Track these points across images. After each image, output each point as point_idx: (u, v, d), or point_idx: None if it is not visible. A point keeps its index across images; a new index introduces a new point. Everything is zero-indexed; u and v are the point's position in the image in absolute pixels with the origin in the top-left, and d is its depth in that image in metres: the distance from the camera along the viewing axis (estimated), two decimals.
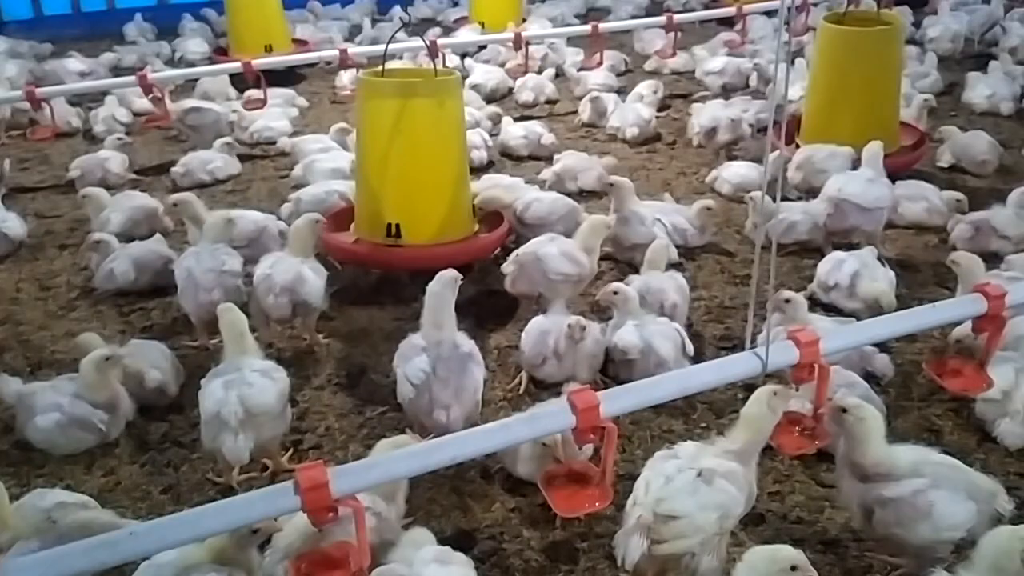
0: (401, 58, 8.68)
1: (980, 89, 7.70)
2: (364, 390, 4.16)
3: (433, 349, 3.45)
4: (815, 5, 9.94)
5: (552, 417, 2.59)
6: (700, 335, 4.50)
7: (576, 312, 4.36)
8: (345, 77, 8.63)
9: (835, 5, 9.38)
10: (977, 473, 2.87)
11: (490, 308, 4.82)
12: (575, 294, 4.61)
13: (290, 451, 3.70)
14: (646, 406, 2.96)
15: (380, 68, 4.97)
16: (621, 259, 5.24)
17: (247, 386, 3.28)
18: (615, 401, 2.62)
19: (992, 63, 8.24)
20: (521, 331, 4.18)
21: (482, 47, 9.78)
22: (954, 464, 2.85)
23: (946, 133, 6.50)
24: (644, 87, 7.93)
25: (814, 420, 2.94)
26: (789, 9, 2.60)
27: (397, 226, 4.84)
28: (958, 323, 3.73)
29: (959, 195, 5.45)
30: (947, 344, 4.14)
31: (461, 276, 3.67)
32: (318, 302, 4.33)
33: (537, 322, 4.11)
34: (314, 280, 4.29)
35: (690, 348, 4.02)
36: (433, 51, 8.01)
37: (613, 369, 4.09)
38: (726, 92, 8.30)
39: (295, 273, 4.23)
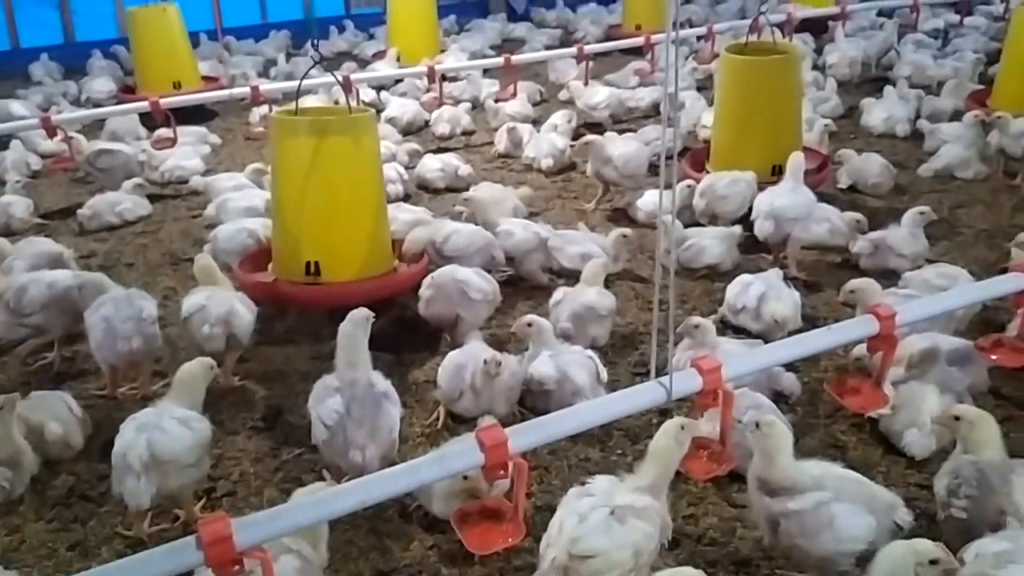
0: (316, 93, 8.68)
1: (877, 113, 8.05)
2: (280, 432, 4.10)
3: (347, 389, 3.44)
4: (721, 34, 10.26)
5: (460, 456, 2.60)
6: (615, 362, 4.57)
7: (493, 343, 4.39)
8: (258, 114, 8.56)
9: (740, 34, 9.70)
10: (878, 486, 2.98)
11: (409, 343, 4.81)
12: (487, 315, 4.70)
13: (202, 500, 3.62)
14: (553, 440, 2.98)
15: (294, 106, 4.95)
16: None
17: (159, 431, 3.24)
18: (523, 437, 2.64)
19: (887, 87, 8.62)
20: (440, 366, 4.19)
21: (399, 80, 9.83)
22: (856, 478, 2.95)
23: (844, 156, 6.76)
24: (558, 117, 8.09)
25: (721, 444, 3.01)
26: (674, 41, 2.66)
27: (316, 264, 4.82)
28: (856, 343, 3.86)
29: (859, 216, 5.66)
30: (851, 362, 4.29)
31: (374, 315, 3.66)
32: (247, 337, 4.37)
33: (453, 357, 4.12)
34: (245, 314, 4.35)
35: (604, 375, 4.08)
36: (347, 87, 8.04)
37: (531, 400, 4.11)
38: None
39: (229, 306, 4.28)
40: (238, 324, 4.29)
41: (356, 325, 3.56)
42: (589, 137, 6.51)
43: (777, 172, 5.96)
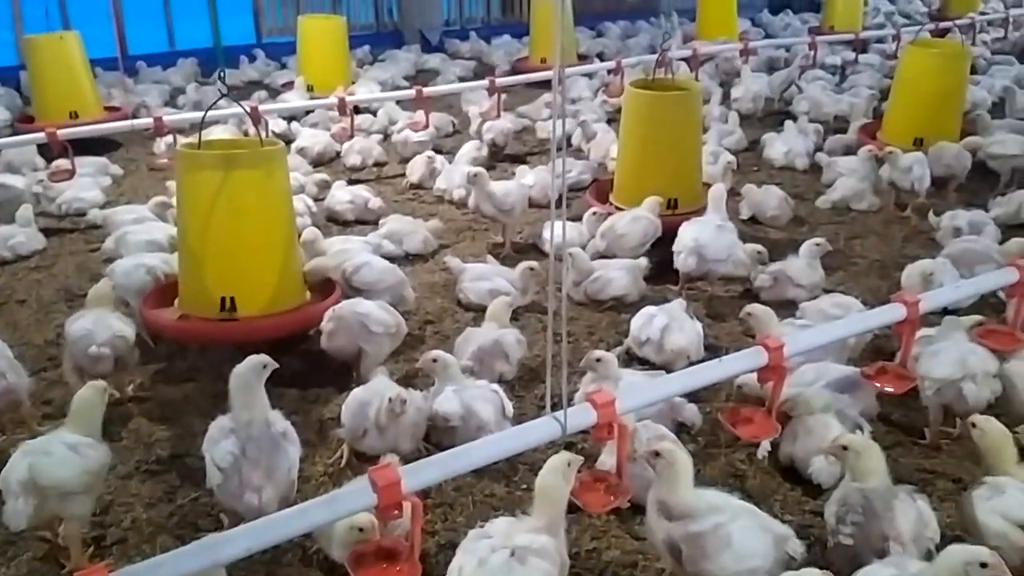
0: (227, 123, 8.53)
1: (778, 146, 8.33)
2: (176, 475, 3.98)
3: (243, 430, 3.36)
4: (632, 67, 10.49)
5: (352, 497, 2.57)
6: (522, 395, 4.58)
7: (399, 379, 4.36)
8: (163, 144, 8.36)
9: (647, 67, 9.93)
10: (770, 518, 3.04)
11: (316, 379, 4.74)
12: (391, 349, 4.69)
13: (91, 548, 3.48)
14: (447, 478, 2.96)
15: (200, 139, 4.86)
16: None
17: (44, 455, 3.23)
18: (417, 476, 2.62)
19: (788, 122, 8.93)
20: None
21: (310, 110, 9.74)
22: (751, 509, 3.02)
23: (744, 190, 6.97)
24: (470, 148, 8.13)
25: (618, 477, 3.04)
26: (562, 79, 2.70)
27: (232, 300, 4.74)
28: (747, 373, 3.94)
29: (760, 247, 5.83)
30: (747, 396, 4.38)
31: (275, 363, 3.60)
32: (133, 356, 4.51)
33: (357, 394, 4.06)
34: (131, 334, 4.45)
35: (509, 409, 4.08)
36: (256, 118, 7.93)
37: (436, 436, 4.08)
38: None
39: (116, 327, 4.37)
40: (127, 343, 4.39)
41: (251, 371, 3.49)
42: (476, 169, 6.53)
43: (673, 206, 6.10)
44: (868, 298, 5.41)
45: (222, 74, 4.80)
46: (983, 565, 2.56)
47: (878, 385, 3.80)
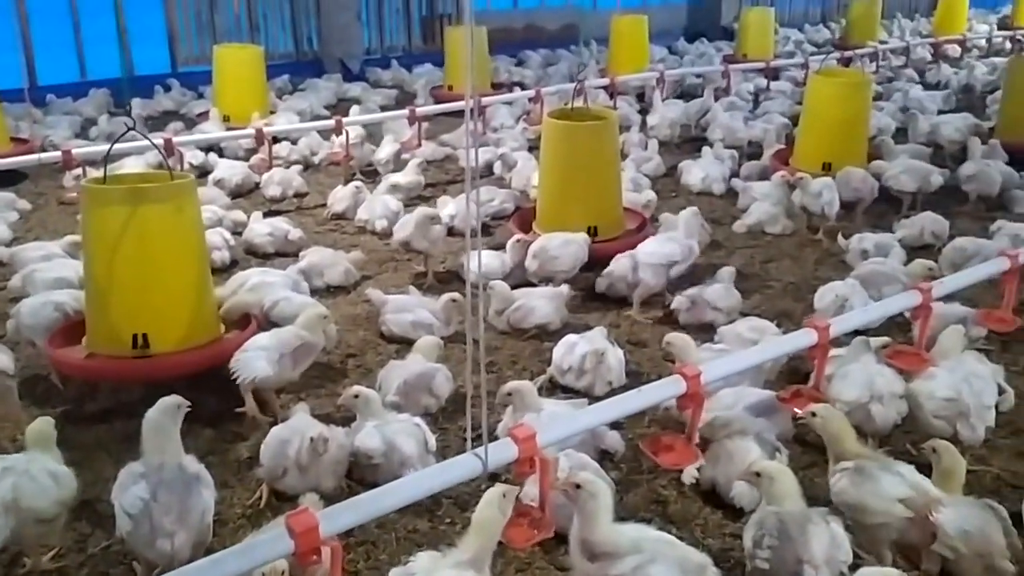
0: (143, 154, 8.33)
1: (695, 172, 8.53)
2: (87, 523, 3.82)
3: (153, 474, 3.27)
4: (553, 95, 10.64)
5: (268, 545, 2.51)
6: (446, 427, 4.55)
7: (320, 415, 4.29)
8: (71, 177, 8.12)
9: (566, 96, 10.08)
10: (689, 548, 3.08)
11: (232, 418, 4.62)
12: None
13: None
14: (367, 521, 2.92)
15: (105, 173, 4.74)
16: None
17: (28, 479, 3.34)
18: (335, 520, 2.58)
19: (705, 148, 9.16)
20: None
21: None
22: (669, 540, 3.04)
23: (662, 217, 7.08)
24: (393, 178, 8.11)
25: (541, 510, 3.04)
26: (472, 110, 2.72)
27: (144, 336, 4.62)
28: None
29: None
30: (671, 418, 4.44)
31: (188, 404, 3.51)
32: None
33: (276, 432, 3.98)
34: (5, 360, 4.41)
35: (432, 443, 4.05)
36: (168, 150, 7.79)
37: (358, 471, 4.03)
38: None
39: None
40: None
41: (164, 414, 3.40)
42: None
43: (593, 233, 6.19)
44: (783, 320, 5.55)
45: (128, 106, 4.71)
46: None
47: (793, 409, 3.89)
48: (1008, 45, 17.25)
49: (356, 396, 4.10)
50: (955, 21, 17.87)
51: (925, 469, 3.53)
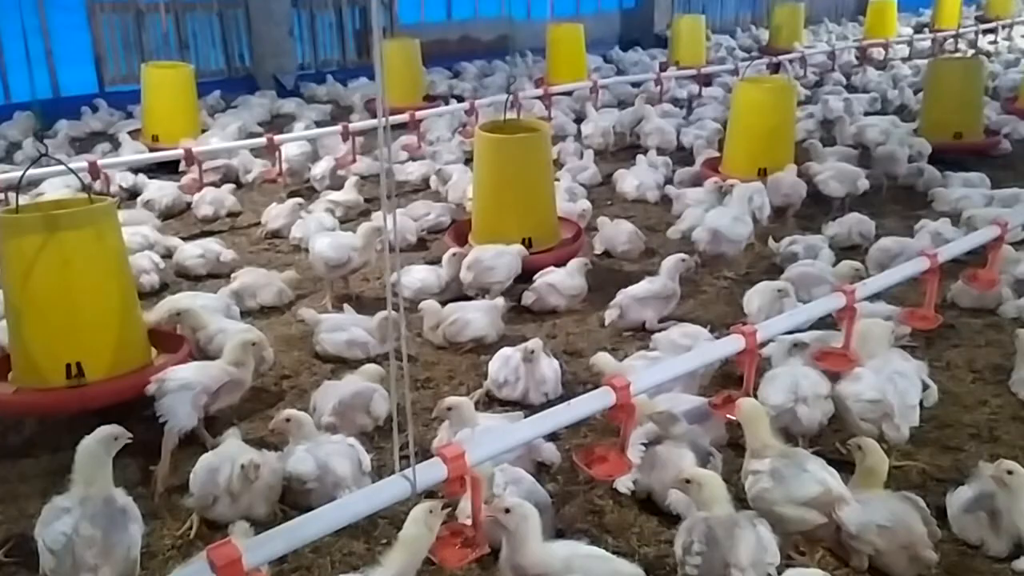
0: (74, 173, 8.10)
1: (629, 180, 8.61)
2: (12, 564, 3.70)
3: (77, 509, 3.20)
4: (489, 107, 10.65)
5: None
6: (382, 446, 4.51)
7: (254, 439, 4.23)
8: None
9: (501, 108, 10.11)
10: (620, 561, 3.10)
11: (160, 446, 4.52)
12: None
13: None
14: (293, 550, 2.88)
15: (17, 202, 4.61)
16: None
17: None
18: (260, 550, 2.53)
19: (639, 156, 9.26)
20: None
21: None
22: (600, 555, 3.06)
23: (599, 223, 7.16)
24: (330, 196, 8.03)
25: (473, 528, 3.03)
26: (385, 128, 2.69)
27: (79, 365, 4.52)
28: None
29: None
30: (609, 428, 4.46)
31: (128, 436, 3.43)
32: None
33: (205, 460, 3.90)
34: None
35: (367, 463, 4.01)
36: (94, 173, 7.62)
37: (292, 496, 3.96)
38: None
39: None
40: None
41: (101, 443, 3.34)
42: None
43: (529, 244, 6.22)
44: (717, 325, 5.62)
45: (39, 133, 4.59)
46: None
47: (726, 415, 3.93)
48: (928, 45, 17.76)
49: (288, 420, 4.05)
50: (886, 25, 18.32)
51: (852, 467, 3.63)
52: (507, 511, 2.95)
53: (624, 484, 3.98)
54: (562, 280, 5.99)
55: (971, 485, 3.71)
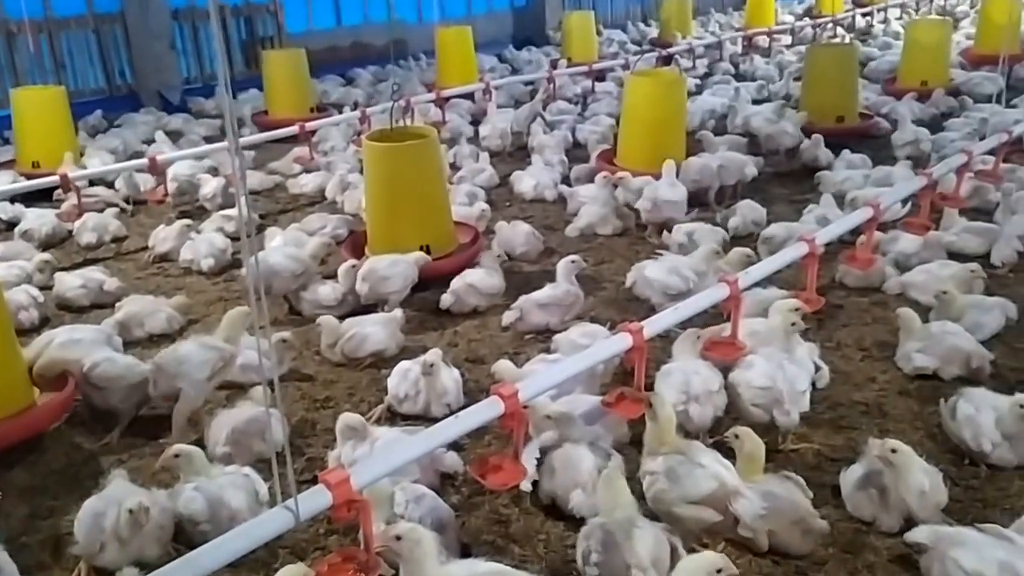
0: None
1: (526, 181, 8.61)
2: None
3: None
4: (381, 113, 10.49)
5: None
6: (281, 472, 4.36)
7: (146, 475, 4.05)
8: None
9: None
10: (520, 573, 3.06)
11: (48, 491, 4.30)
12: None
13: None
14: None
15: None
16: None
17: None
18: None
19: (535, 156, 9.27)
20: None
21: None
22: (499, 570, 3.02)
23: (497, 227, 7.13)
24: (220, 216, 7.79)
25: (366, 553, 2.95)
26: (237, 149, 2.60)
27: None
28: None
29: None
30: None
31: None
32: None
33: (90, 504, 3.71)
34: None
35: (264, 493, 3.88)
36: None
37: (186, 534, 3.79)
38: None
39: None
40: None
41: None
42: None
43: (427, 251, 6.15)
44: (618, 322, 5.63)
45: None
46: (718, 571, 2.79)
47: (618, 413, 3.94)
48: (810, 31, 18.34)
49: (177, 456, 3.88)
50: (765, 14, 18.85)
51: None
52: (398, 538, 2.88)
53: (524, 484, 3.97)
54: (481, 279, 5.98)
55: (861, 463, 3.82)
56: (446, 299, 5.94)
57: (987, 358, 4.83)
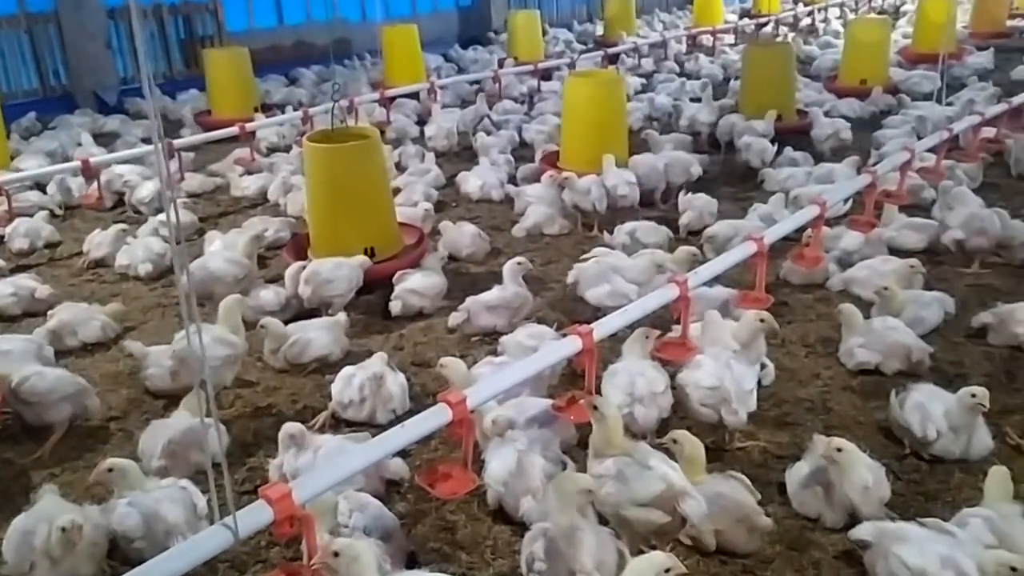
0: None
1: (472, 181, 8.53)
2: None
3: None
4: (326, 113, 10.31)
5: None
6: (221, 486, 4.24)
7: (79, 490, 3.90)
8: None
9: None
10: None
11: None
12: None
13: None
14: None
15: None
16: None
17: None
18: None
19: (481, 157, 9.20)
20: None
21: None
22: None
23: (442, 228, 7.04)
24: (158, 220, 7.58)
25: (310, 569, 2.87)
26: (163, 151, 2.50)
27: None
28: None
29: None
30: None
31: None
32: None
33: (19, 522, 3.56)
34: None
35: (202, 506, 3.76)
36: None
37: (121, 550, 3.67)
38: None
39: None
40: None
41: None
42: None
43: (372, 253, 6.06)
44: (566, 322, 5.61)
45: None
46: (667, 570, 2.78)
47: (568, 417, 3.91)
48: (751, 29, 18.56)
49: (110, 470, 3.75)
50: (713, 13, 19.00)
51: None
52: (336, 554, 2.80)
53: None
54: (420, 282, 5.92)
55: (806, 461, 3.84)
56: (394, 306, 5.85)
57: (927, 352, 4.90)
